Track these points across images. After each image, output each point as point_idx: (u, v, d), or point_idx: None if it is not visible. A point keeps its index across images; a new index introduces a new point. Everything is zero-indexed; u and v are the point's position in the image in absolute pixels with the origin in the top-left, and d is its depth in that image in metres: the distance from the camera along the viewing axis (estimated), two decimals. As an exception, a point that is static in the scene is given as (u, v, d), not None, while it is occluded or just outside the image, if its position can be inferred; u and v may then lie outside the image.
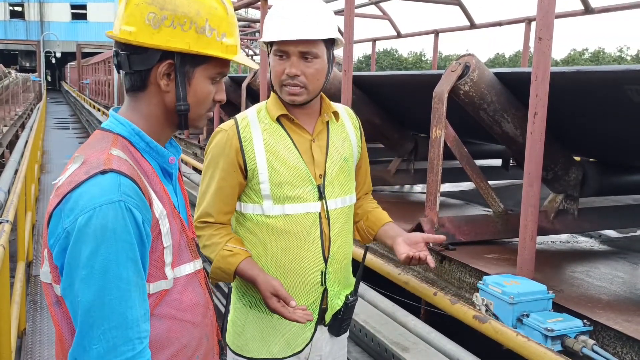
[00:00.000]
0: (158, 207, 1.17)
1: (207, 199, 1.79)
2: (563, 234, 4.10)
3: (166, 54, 1.17)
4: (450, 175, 4.92)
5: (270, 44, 1.76)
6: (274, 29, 1.71)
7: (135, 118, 1.23)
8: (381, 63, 50.87)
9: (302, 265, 1.78)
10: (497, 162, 6.67)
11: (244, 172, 1.76)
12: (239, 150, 1.75)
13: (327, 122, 1.84)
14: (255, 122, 1.79)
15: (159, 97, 1.22)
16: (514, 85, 3.51)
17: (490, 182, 3.87)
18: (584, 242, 4.17)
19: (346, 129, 1.89)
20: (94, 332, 1.05)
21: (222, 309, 1.73)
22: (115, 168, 1.10)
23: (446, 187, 6.22)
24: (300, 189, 1.76)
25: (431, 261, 1.78)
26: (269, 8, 6.26)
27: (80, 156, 1.16)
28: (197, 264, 1.29)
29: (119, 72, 1.26)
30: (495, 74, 3.56)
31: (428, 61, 52.68)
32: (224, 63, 1.24)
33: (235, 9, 7.22)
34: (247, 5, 7.07)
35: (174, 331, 1.21)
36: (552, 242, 4.07)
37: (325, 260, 1.80)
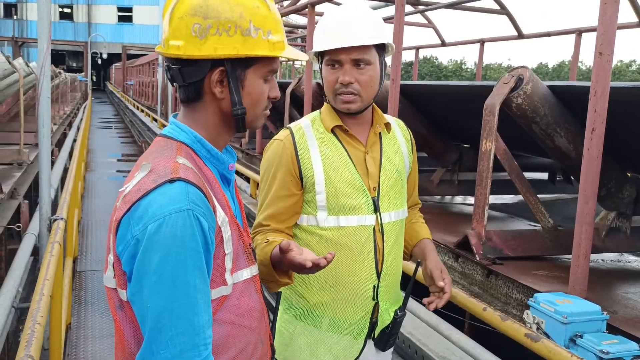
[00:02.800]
0: (221, 214, 1.18)
1: (263, 209, 1.78)
2: (614, 253, 3.98)
3: (216, 62, 1.17)
4: (493, 187, 4.86)
5: (320, 55, 1.75)
6: (324, 39, 1.70)
7: (194, 125, 1.24)
8: (420, 71, 50.57)
9: (354, 279, 1.75)
10: (542, 175, 6.55)
11: (300, 181, 1.74)
12: (295, 160, 1.74)
13: (380, 134, 1.82)
14: (310, 132, 1.78)
15: (215, 104, 1.22)
16: (569, 99, 3.44)
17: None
18: (636, 262, 4.05)
19: (398, 141, 1.87)
20: (162, 338, 1.07)
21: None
22: (182, 177, 1.11)
23: (489, 199, 6.13)
24: (356, 200, 1.73)
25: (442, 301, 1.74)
26: (316, 15, 6.30)
27: (147, 164, 1.16)
28: (254, 270, 1.30)
29: (173, 85, 1.27)
30: (550, 87, 3.49)
31: (468, 69, 52.11)
32: (273, 60, 1.23)
33: (283, 15, 7.28)
34: (294, 12, 7.13)
35: (233, 336, 1.23)
36: (602, 260, 3.97)
37: (378, 275, 1.77)
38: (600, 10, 2.68)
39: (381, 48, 1.73)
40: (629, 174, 3.97)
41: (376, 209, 1.75)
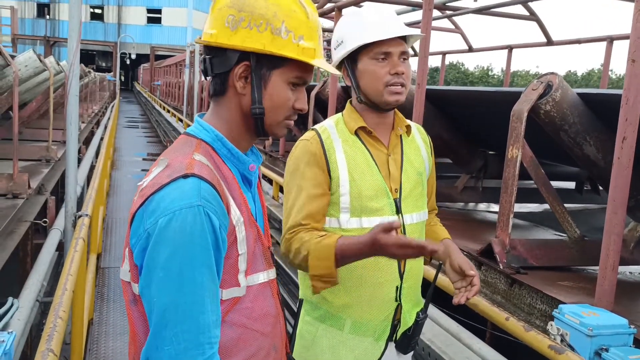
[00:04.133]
0: (235, 214, 1.17)
1: (297, 209, 1.73)
2: (643, 265, 3.89)
3: (243, 56, 1.18)
4: (518, 195, 4.80)
5: (354, 52, 1.73)
6: (369, 32, 1.69)
7: (217, 123, 1.24)
8: (446, 77, 50.24)
9: (378, 280, 1.75)
10: (569, 184, 6.44)
11: (329, 181, 1.74)
12: (323, 160, 1.73)
13: (400, 137, 1.83)
14: (335, 133, 1.78)
15: (237, 100, 1.22)
16: (599, 107, 3.38)
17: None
18: (665, 275, 3.95)
19: (418, 144, 1.88)
20: (167, 333, 1.07)
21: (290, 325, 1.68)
22: (196, 173, 1.11)
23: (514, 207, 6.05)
24: (379, 202, 1.74)
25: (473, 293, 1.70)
26: (343, 18, 6.30)
27: (164, 159, 1.18)
28: (271, 274, 1.28)
29: (206, 78, 1.28)
30: (579, 94, 3.43)
31: (495, 76, 51.60)
32: (303, 67, 1.21)
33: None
34: (320, 15, 7.14)
35: (243, 339, 1.21)
36: (630, 273, 3.88)
37: (401, 276, 1.77)
38: (634, 17, 2.63)
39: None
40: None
41: (398, 211, 1.76)
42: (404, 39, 1.74)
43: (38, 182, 5.66)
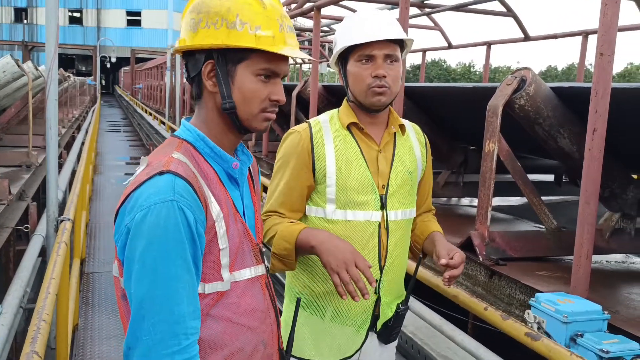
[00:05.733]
0: (215, 209, 1.21)
1: (275, 196, 1.84)
2: (618, 254, 3.98)
3: (208, 55, 1.24)
4: (499, 189, 4.86)
5: (346, 53, 1.79)
6: (356, 34, 1.74)
7: (199, 124, 1.29)
8: (429, 73, 50.47)
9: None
10: (549, 177, 6.53)
11: (313, 173, 1.81)
12: (310, 152, 1.81)
13: (394, 135, 1.87)
14: (328, 127, 1.85)
15: (212, 99, 1.27)
16: (572, 101, 3.45)
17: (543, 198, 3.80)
18: (641, 263, 4.04)
19: (412, 143, 1.92)
20: (145, 324, 1.11)
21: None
22: (172, 169, 1.16)
23: (495, 201, 6.12)
24: (364, 196, 1.79)
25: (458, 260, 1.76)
26: (322, 18, 6.34)
27: (145, 159, 1.24)
28: (260, 270, 1.32)
29: (190, 83, 1.33)
30: (553, 88, 3.50)
31: (477, 72, 51.96)
32: (268, 58, 1.24)
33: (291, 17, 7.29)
34: (299, 15, 7.17)
35: (229, 333, 1.24)
36: (606, 261, 3.96)
37: (381, 269, 1.82)
38: (600, 12, 2.70)
39: (401, 48, 1.81)
40: (634, 176, 3.96)
41: (383, 206, 1.81)
42: (397, 42, 1.77)
43: (19, 188, 5.63)
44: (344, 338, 1.84)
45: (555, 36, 8.08)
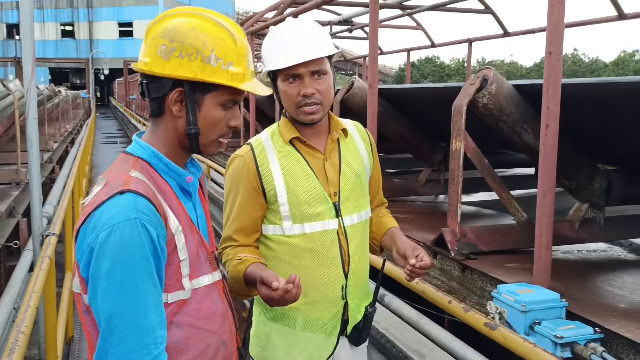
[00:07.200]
0: (174, 223, 1.28)
1: (229, 224, 1.86)
2: (588, 243, 4.09)
3: (177, 82, 1.28)
4: (484, 184, 4.94)
5: (274, 71, 1.81)
6: (280, 56, 1.77)
7: (154, 141, 1.35)
8: (423, 70, 50.48)
9: (323, 281, 1.83)
10: (530, 170, 6.64)
11: (264, 195, 1.82)
12: (256, 175, 1.81)
13: (338, 140, 1.89)
14: (270, 146, 1.86)
15: (173, 122, 1.33)
16: (532, 97, 3.56)
17: (521, 191, 3.91)
18: (612, 251, 4.15)
19: (356, 144, 1.94)
20: (114, 338, 1.17)
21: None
22: (132, 188, 1.22)
23: (480, 196, 6.23)
24: (318, 207, 1.81)
25: (426, 261, 1.75)
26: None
27: (102, 179, 1.28)
28: (216, 275, 1.40)
29: (144, 99, 1.39)
30: (514, 85, 3.61)
31: (471, 67, 51.96)
32: (234, 90, 1.29)
33: (267, 26, 7.38)
34: (254, 33, 7.21)
35: (192, 338, 1.32)
36: (578, 251, 4.07)
37: (346, 275, 1.85)
38: (548, 11, 2.81)
39: (329, 55, 1.81)
40: (601, 167, 4.07)
41: (338, 214, 1.82)
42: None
43: (7, 204, 5.72)
44: (315, 345, 1.86)
45: (532, 31, 8.19)
